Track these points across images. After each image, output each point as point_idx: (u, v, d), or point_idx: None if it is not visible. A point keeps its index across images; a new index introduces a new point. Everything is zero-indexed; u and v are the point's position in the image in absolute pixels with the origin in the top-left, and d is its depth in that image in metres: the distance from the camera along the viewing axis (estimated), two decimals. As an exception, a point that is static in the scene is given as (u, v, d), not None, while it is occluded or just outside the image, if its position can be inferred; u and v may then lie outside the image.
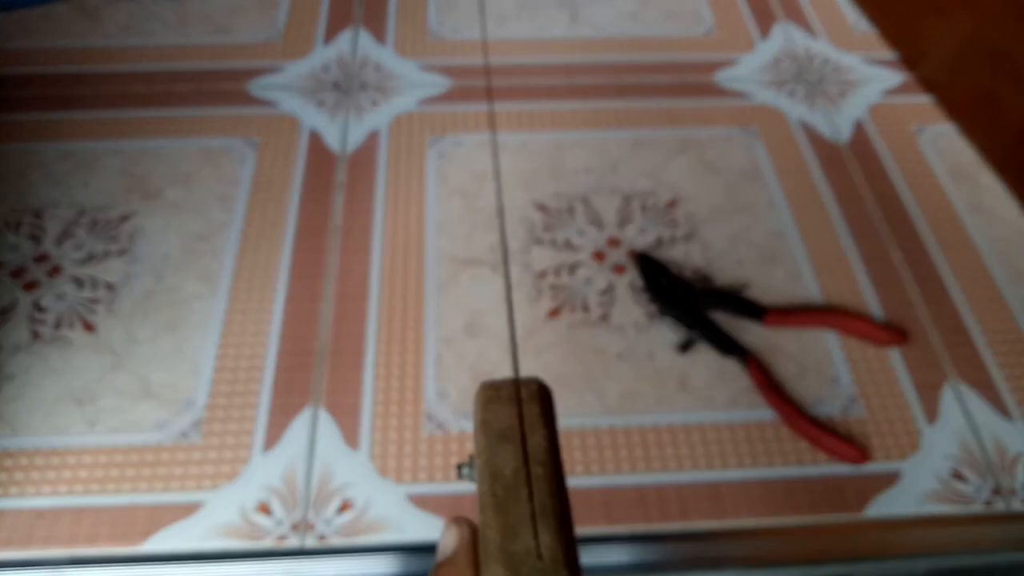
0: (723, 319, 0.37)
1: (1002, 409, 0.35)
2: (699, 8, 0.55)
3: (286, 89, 0.47)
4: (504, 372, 0.35)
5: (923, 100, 0.49)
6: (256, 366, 0.35)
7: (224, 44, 0.50)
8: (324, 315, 0.37)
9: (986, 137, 0.45)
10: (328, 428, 0.33)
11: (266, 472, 0.31)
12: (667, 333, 0.37)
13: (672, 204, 0.43)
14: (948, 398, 0.35)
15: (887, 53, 0.52)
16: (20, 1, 0.52)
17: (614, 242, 0.40)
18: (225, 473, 0.31)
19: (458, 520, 0.13)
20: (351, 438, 0.33)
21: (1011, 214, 0.43)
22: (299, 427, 0.33)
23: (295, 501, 0.31)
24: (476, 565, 0.12)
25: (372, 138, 0.45)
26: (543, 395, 0.14)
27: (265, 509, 0.30)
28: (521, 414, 0.13)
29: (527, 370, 0.35)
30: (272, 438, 0.32)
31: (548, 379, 0.17)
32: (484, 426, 0.13)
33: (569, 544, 0.12)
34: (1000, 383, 0.36)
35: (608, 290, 0.38)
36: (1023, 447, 0.34)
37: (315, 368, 0.35)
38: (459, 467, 0.15)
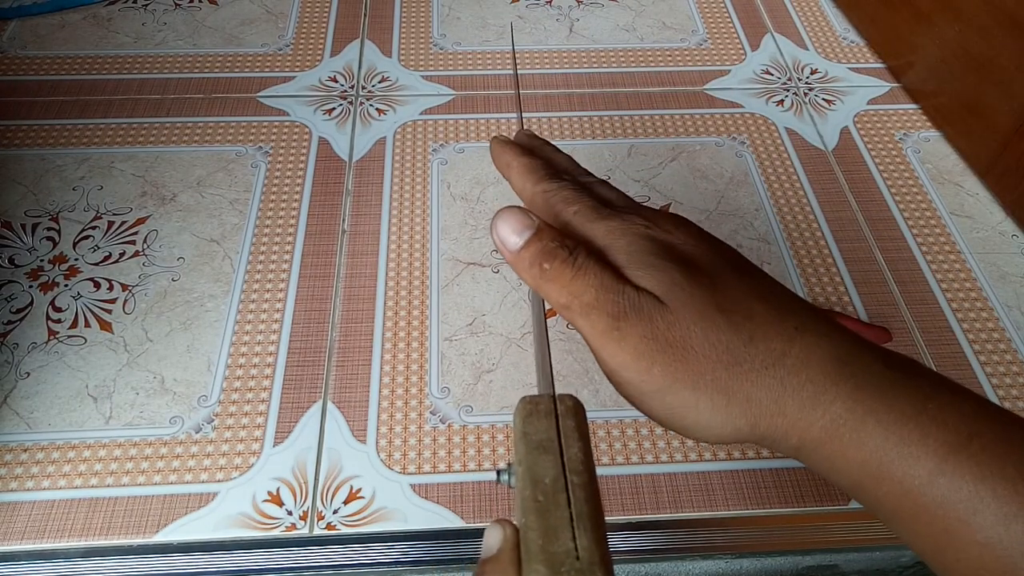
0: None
1: (983, 405, 0.36)
2: (692, 20, 0.57)
3: (295, 98, 0.49)
4: (504, 369, 0.36)
5: (907, 108, 0.51)
6: (267, 363, 0.36)
7: (235, 54, 0.52)
8: (333, 315, 0.38)
9: (971, 144, 0.47)
10: (337, 422, 0.34)
11: (277, 465, 0.33)
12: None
13: (665, 209, 0.44)
14: (931, 394, 0.37)
15: (873, 63, 0.54)
16: (35, 9, 0.53)
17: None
18: (237, 466, 0.33)
19: (501, 522, 0.14)
20: (359, 432, 0.34)
21: (994, 218, 0.45)
22: (309, 421, 0.34)
23: (305, 492, 0.32)
24: (518, 563, 0.13)
25: (378, 146, 0.47)
26: (578, 410, 0.16)
27: (276, 500, 0.32)
28: (559, 427, 0.15)
29: (529, 367, 0.37)
30: (283, 432, 0.34)
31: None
32: (525, 437, 0.15)
33: (604, 547, 0.13)
34: (984, 381, 0.37)
35: (604, 291, 0.40)
36: (1003, 442, 0.35)
37: (324, 365, 0.36)
38: (498, 473, 0.16)
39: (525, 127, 0.25)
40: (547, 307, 0.39)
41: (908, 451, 0.15)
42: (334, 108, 0.49)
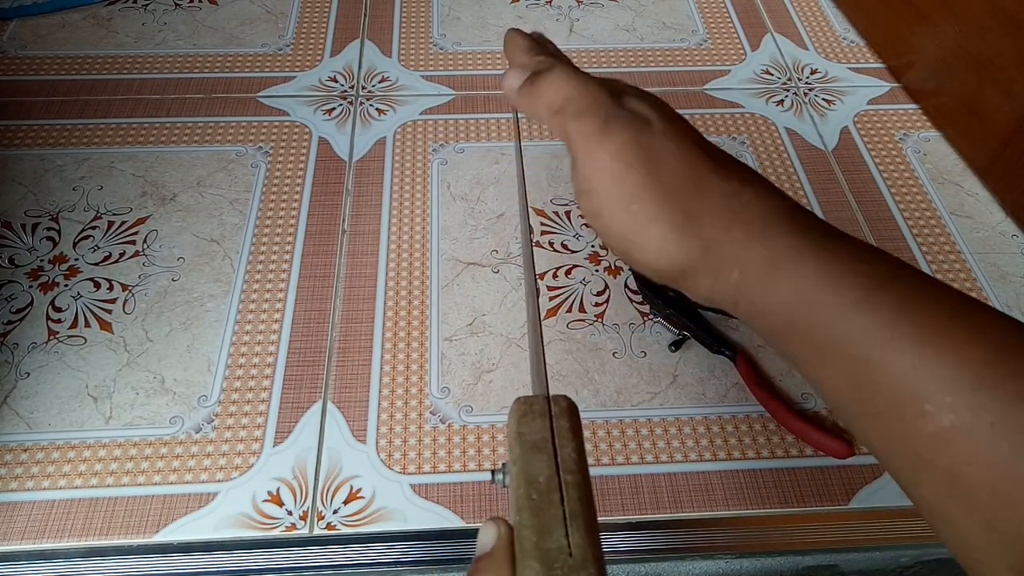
0: (713, 318, 0.39)
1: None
2: (692, 20, 0.57)
3: (295, 98, 0.49)
4: (504, 369, 0.36)
5: (907, 108, 0.51)
6: (267, 363, 0.36)
7: (235, 54, 0.52)
8: (333, 315, 0.38)
9: (971, 144, 0.47)
10: (337, 422, 0.34)
11: (277, 464, 0.33)
12: (660, 332, 0.38)
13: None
14: (931, 395, 0.37)
15: (873, 63, 0.54)
16: (35, 9, 0.53)
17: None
18: (237, 466, 0.33)
19: (496, 520, 0.15)
20: (359, 432, 0.34)
21: (994, 218, 0.45)
22: (309, 421, 0.34)
23: (305, 492, 0.32)
24: (512, 560, 0.13)
25: (378, 146, 0.47)
26: (572, 411, 0.16)
27: (276, 500, 0.32)
28: (552, 428, 0.15)
29: (527, 366, 0.37)
30: (283, 432, 0.34)
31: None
32: (519, 437, 0.15)
33: (596, 544, 0.13)
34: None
35: (603, 291, 0.40)
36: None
37: (324, 365, 0.36)
38: (492, 473, 0.17)
39: (527, 128, 0.26)
40: (545, 309, 0.39)
41: (838, 282, 0.16)
42: (334, 108, 0.49)
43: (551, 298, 0.39)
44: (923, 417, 0.14)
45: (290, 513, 0.31)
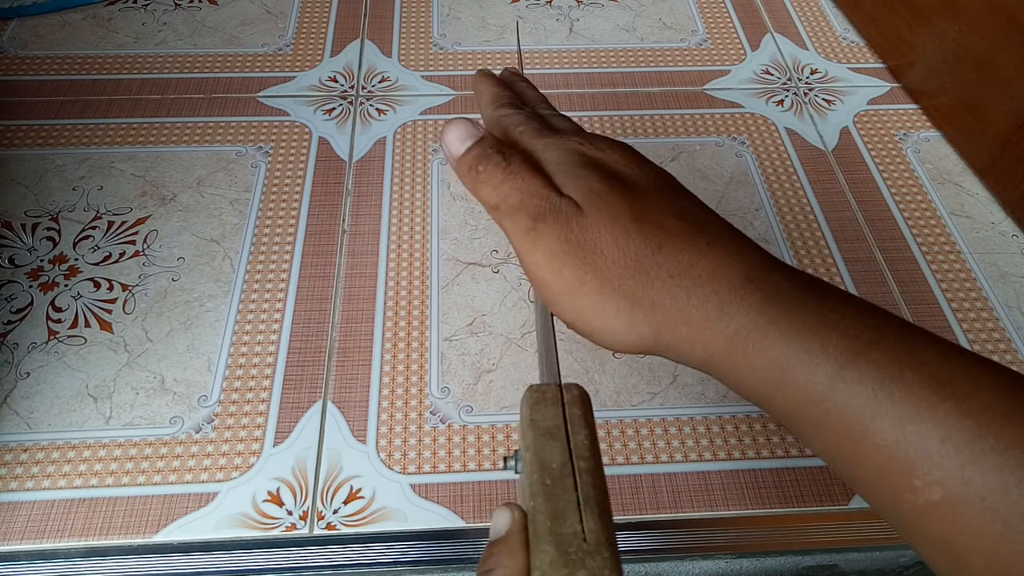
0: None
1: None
2: (692, 20, 0.57)
3: (295, 98, 0.49)
4: (504, 369, 0.36)
5: (907, 108, 0.51)
6: (267, 363, 0.36)
7: (235, 54, 0.52)
8: (333, 315, 0.38)
9: (971, 144, 0.47)
10: (337, 422, 0.34)
11: (277, 464, 0.33)
12: (661, 332, 0.38)
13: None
14: (931, 395, 0.37)
15: (873, 63, 0.54)
16: (35, 9, 0.53)
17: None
18: (237, 466, 0.33)
19: (509, 505, 0.15)
20: (359, 432, 0.34)
21: (994, 218, 0.45)
22: (309, 421, 0.34)
23: (305, 492, 0.32)
24: (526, 545, 0.13)
25: (378, 146, 0.47)
26: (584, 399, 0.16)
27: (276, 500, 0.32)
28: (565, 415, 0.15)
29: (528, 366, 0.37)
30: (283, 432, 0.34)
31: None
32: (532, 424, 0.15)
33: (610, 529, 0.13)
34: (981, 380, 0.37)
35: (604, 291, 0.40)
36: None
37: (324, 365, 0.36)
38: (505, 459, 0.17)
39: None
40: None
41: (809, 358, 0.15)
42: (334, 108, 0.49)
43: (551, 298, 0.39)
44: (912, 491, 0.14)
45: (290, 513, 0.31)
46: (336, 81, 0.50)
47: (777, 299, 0.16)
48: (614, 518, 0.14)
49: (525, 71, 0.52)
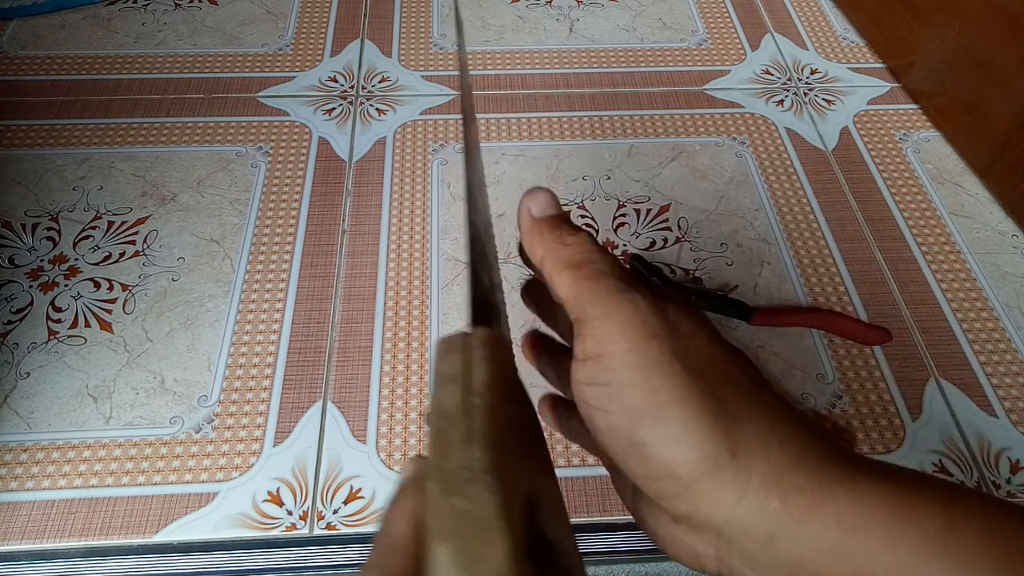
0: (713, 319, 0.39)
1: (986, 406, 0.36)
2: (692, 20, 0.57)
3: (296, 98, 0.49)
4: (505, 369, 0.36)
5: (907, 108, 0.51)
6: (267, 363, 0.36)
7: (234, 54, 0.52)
8: (333, 315, 0.38)
9: (971, 144, 0.47)
10: (337, 422, 0.34)
11: (277, 464, 0.33)
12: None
13: (664, 209, 0.44)
14: (932, 395, 0.37)
15: (873, 63, 0.54)
16: (35, 9, 0.53)
17: (610, 245, 0.42)
18: (237, 466, 0.33)
19: (415, 456, 0.14)
20: (359, 432, 0.34)
21: (994, 218, 0.45)
22: (309, 421, 0.34)
23: (305, 492, 0.32)
24: (421, 488, 0.13)
25: (378, 146, 0.47)
26: (491, 341, 0.15)
27: (276, 500, 0.32)
28: (468, 359, 0.15)
29: (526, 366, 0.37)
30: (283, 432, 0.34)
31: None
32: (436, 374, 0.15)
33: (504, 456, 0.13)
34: (984, 381, 0.37)
35: (604, 291, 0.40)
36: (1007, 442, 0.35)
37: (324, 365, 0.36)
38: (425, 416, 0.16)
39: (527, 128, 0.25)
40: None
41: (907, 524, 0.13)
42: (334, 108, 0.49)
43: (551, 298, 0.39)
44: None
45: (290, 513, 0.31)
46: (336, 81, 0.50)
47: (857, 460, 0.14)
48: (614, 518, 0.14)
49: (525, 71, 0.52)
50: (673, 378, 0.15)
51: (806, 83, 0.52)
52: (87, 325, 0.37)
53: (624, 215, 0.44)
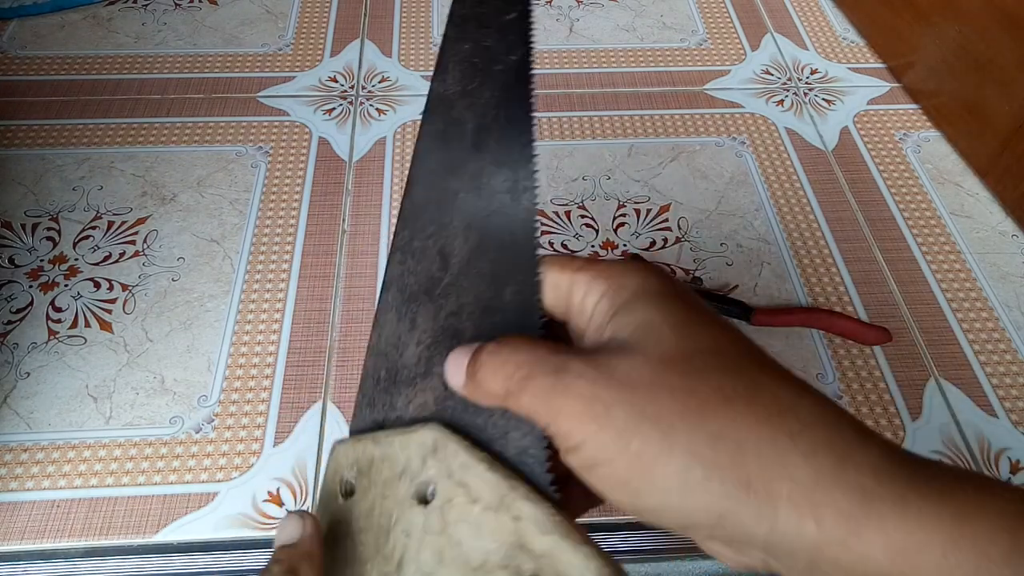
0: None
1: (986, 406, 0.36)
2: (692, 20, 0.57)
3: (296, 98, 0.49)
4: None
5: (907, 108, 0.51)
6: (267, 363, 0.36)
7: (234, 54, 0.52)
8: (333, 315, 0.38)
9: (971, 144, 0.47)
10: (337, 422, 0.34)
11: (277, 465, 0.33)
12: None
13: (664, 209, 0.44)
14: (932, 395, 0.37)
15: (873, 63, 0.54)
16: (35, 9, 0.53)
17: (609, 245, 0.42)
18: (237, 466, 0.33)
19: (302, 514, 0.15)
20: (358, 432, 0.34)
21: (994, 218, 0.45)
22: (309, 421, 0.34)
23: (305, 492, 0.32)
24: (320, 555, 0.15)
25: (378, 146, 0.47)
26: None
27: (276, 500, 0.32)
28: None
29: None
30: (283, 432, 0.34)
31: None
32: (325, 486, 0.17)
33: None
34: (983, 381, 0.37)
35: (604, 291, 0.40)
36: (1007, 442, 0.35)
37: (324, 365, 0.36)
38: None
39: None
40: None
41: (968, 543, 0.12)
42: (334, 108, 0.49)
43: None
44: None
45: (290, 513, 0.31)
46: (336, 81, 0.50)
47: (899, 456, 0.13)
48: (614, 518, 0.14)
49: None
50: (648, 435, 0.13)
51: (806, 83, 0.52)
52: (87, 325, 0.37)
53: (624, 215, 0.44)
